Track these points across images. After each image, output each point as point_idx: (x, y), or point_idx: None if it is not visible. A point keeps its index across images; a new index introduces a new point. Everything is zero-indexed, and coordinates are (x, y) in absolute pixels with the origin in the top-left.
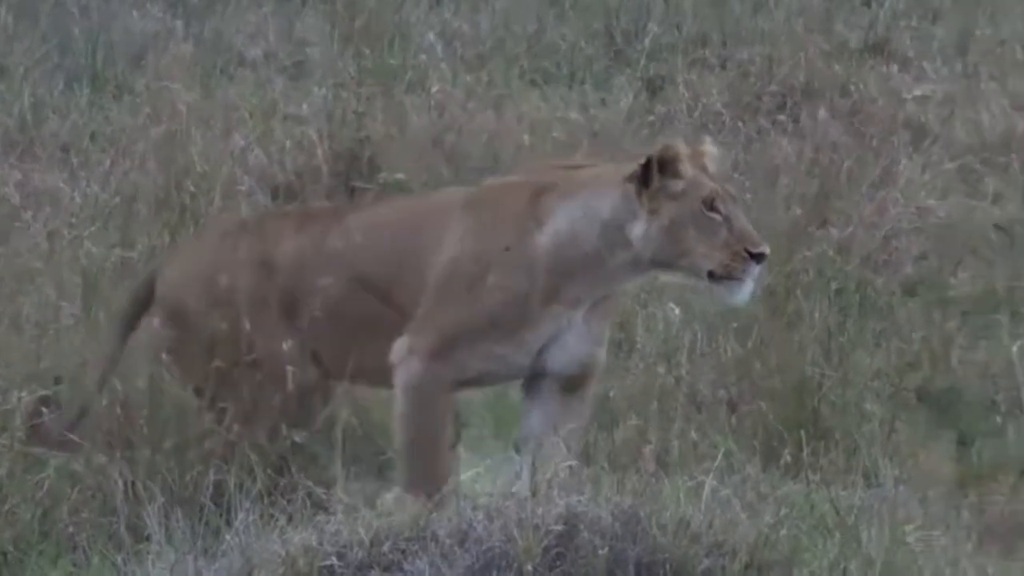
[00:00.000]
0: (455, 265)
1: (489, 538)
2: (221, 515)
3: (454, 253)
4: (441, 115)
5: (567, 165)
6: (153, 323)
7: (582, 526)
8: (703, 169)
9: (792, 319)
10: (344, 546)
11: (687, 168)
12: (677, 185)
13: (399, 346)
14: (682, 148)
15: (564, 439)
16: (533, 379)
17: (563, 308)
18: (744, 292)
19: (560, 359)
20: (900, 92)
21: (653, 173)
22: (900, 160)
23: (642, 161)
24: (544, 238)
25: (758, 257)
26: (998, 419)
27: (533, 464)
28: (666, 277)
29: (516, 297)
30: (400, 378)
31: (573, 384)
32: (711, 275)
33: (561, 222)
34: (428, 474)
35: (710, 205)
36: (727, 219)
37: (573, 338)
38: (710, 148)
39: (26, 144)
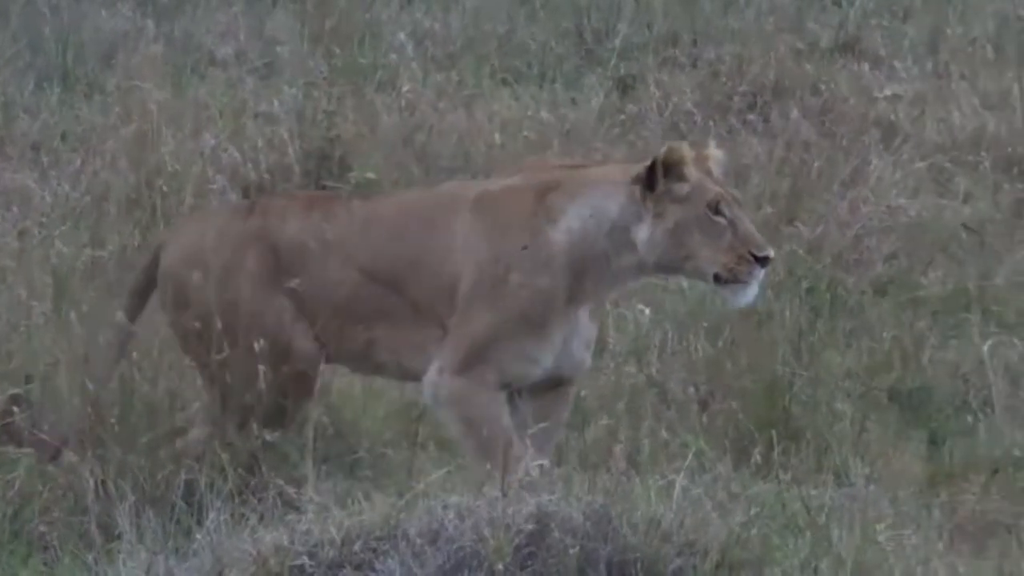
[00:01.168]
0: (475, 274)
1: (460, 537)
2: (192, 514)
3: (471, 263)
4: (412, 114)
5: (567, 164)
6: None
7: (553, 525)
8: (707, 172)
9: (763, 318)
10: (315, 545)
11: (692, 171)
12: (682, 188)
13: (430, 372)
14: (687, 151)
15: (538, 438)
16: None
17: (575, 307)
18: (750, 295)
19: (562, 361)
20: (871, 91)
21: (658, 176)
22: (871, 159)
23: (647, 164)
24: (559, 235)
25: (763, 260)
26: (969, 418)
27: (505, 463)
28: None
29: (541, 294)
30: (440, 398)
31: (556, 384)
32: (716, 278)
33: (573, 220)
34: (505, 466)
35: (715, 208)
36: (732, 222)
37: (575, 339)
38: (715, 151)
39: None
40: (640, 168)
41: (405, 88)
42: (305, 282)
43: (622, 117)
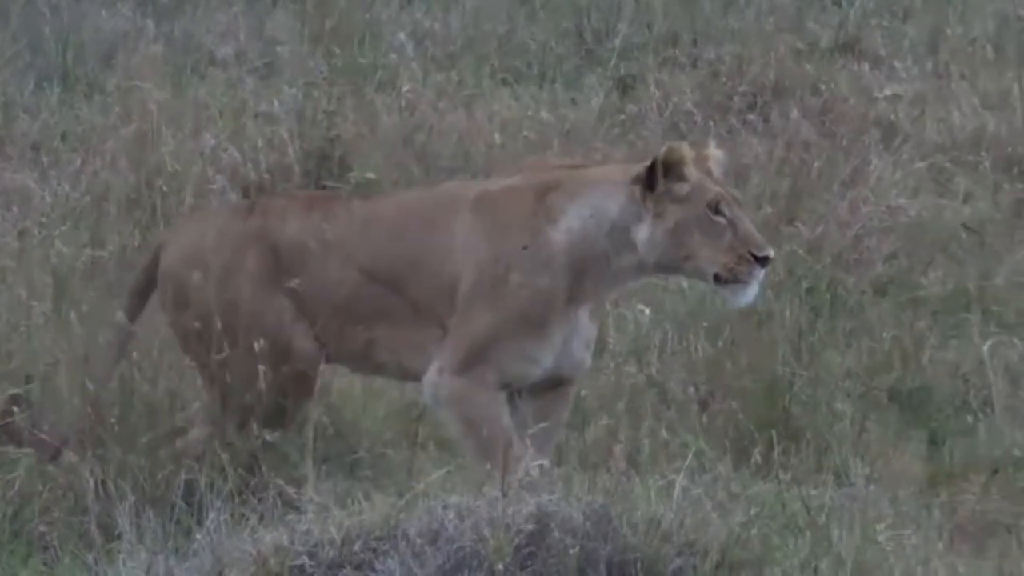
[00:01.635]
0: (475, 274)
1: (460, 537)
2: (192, 514)
3: (471, 263)
4: (412, 114)
5: (567, 164)
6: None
7: (553, 525)
8: (707, 172)
9: (763, 318)
10: (315, 545)
11: (692, 171)
12: (682, 188)
13: (430, 372)
14: (687, 151)
15: (538, 438)
16: None
17: (575, 307)
18: (750, 295)
19: (562, 361)
20: (871, 91)
21: (658, 176)
22: (871, 159)
23: (647, 164)
24: (559, 235)
25: (763, 260)
26: (969, 418)
27: (505, 463)
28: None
29: (541, 294)
30: (440, 398)
31: (556, 384)
32: (716, 278)
33: (573, 220)
34: (505, 466)
35: (715, 208)
36: (732, 222)
37: (575, 339)
38: (714, 151)
39: None
40: (640, 168)
41: (405, 88)
42: (305, 282)
43: (622, 117)
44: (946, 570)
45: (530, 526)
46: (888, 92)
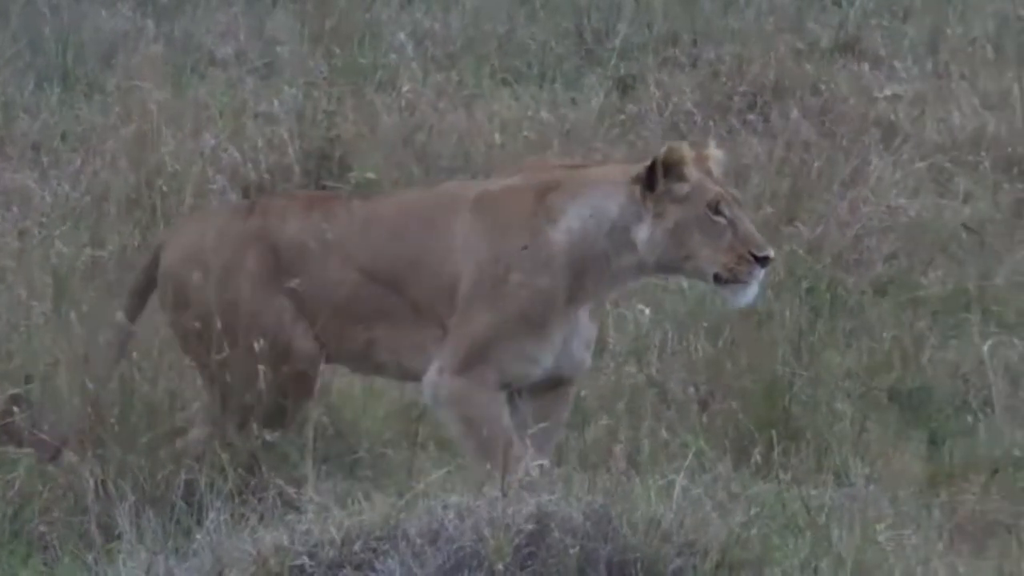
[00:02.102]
0: (475, 274)
1: (460, 537)
2: (192, 514)
3: (471, 263)
4: (412, 114)
5: (567, 164)
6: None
7: (553, 525)
8: (707, 172)
9: (763, 318)
10: (315, 545)
11: (692, 171)
12: (682, 188)
13: (430, 372)
14: (687, 151)
15: (538, 438)
16: None
17: (575, 307)
18: (750, 295)
19: (562, 361)
20: (871, 91)
21: (658, 176)
22: (871, 159)
23: (647, 164)
24: (559, 235)
25: (763, 260)
26: (969, 418)
27: (505, 463)
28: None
29: (541, 294)
30: (440, 398)
31: (556, 384)
32: (716, 278)
33: (573, 220)
34: (505, 466)
35: (715, 208)
36: (732, 222)
37: (575, 339)
38: (715, 151)
39: None
40: (640, 168)
41: (405, 88)
42: (305, 282)
43: (622, 117)
44: (946, 570)
45: (530, 526)
46: (888, 92)
